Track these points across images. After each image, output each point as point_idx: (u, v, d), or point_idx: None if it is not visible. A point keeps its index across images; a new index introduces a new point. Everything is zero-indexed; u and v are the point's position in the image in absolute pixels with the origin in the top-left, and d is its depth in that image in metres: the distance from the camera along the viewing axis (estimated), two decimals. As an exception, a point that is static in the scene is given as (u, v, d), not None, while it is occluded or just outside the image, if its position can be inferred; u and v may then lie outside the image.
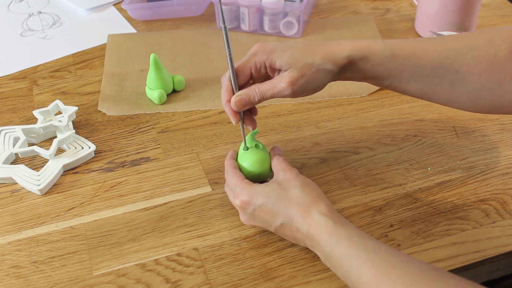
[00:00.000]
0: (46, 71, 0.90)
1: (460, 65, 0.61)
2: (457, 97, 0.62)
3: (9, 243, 0.63)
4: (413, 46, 0.63)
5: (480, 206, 0.65)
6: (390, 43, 0.63)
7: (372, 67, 0.62)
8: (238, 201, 0.60)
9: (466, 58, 0.61)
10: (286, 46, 0.62)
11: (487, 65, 0.60)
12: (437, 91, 0.63)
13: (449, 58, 0.61)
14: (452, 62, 0.61)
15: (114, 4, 1.07)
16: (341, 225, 0.55)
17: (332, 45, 0.62)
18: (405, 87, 0.63)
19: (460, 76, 0.61)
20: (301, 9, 0.92)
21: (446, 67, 0.61)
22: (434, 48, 0.62)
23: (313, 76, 0.61)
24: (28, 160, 0.74)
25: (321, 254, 0.57)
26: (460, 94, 0.62)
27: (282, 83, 0.61)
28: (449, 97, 0.63)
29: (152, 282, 0.59)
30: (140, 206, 0.67)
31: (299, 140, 0.75)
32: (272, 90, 0.61)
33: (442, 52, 0.62)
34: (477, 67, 0.60)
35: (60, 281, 0.59)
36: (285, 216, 0.58)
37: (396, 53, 0.62)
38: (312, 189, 0.59)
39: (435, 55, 0.62)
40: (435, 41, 0.63)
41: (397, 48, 0.63)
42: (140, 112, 0.81)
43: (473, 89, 0.61)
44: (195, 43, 0.95)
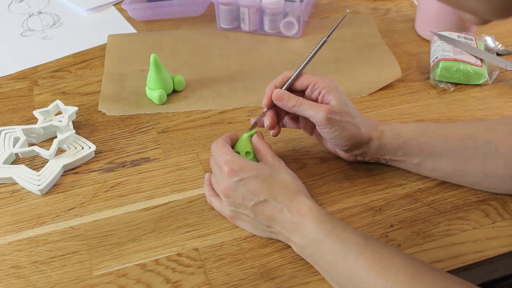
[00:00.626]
0: (46, 71, 0.90)
1: (490, 136, 0.63)
2: (492, 169, 0.63)
3: (9, 243, 0.63)
4: (443, 124, 0.66)
5: (480, 206, 0.65)
6: (422, 122, 0.67)
7: (403, 143, 0.64)
8: (226, 167, 0.59)
9: (496, 132, 0.63)
10: (346, 96, 0.65)
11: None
12: (470, 164, 0.63)
13: (478, 131, 0.64)
14: (482, 134, 0.63)
15: (114, 4, 1.07)
16: (331, 216, 0.57)
17: (373, 121, 0.66)
18: (437, 163, 0.65)
19: (493, 147, 0.62)
20: (301, 9, 0.92)
21: (477, 138, 0.63)
22: (462, 124, 0.66)
23: (348, 125, 0.63)
24: (28, 160, 0.74)
25: (302, 240, 0.57)
26: (496, 166, 0.62)
27: (321, 106, 0.62)
28: (484, 171, 0.63)
29: (152, 282, 0.59)
30: (140, 206, 0.67)
31: (299, 140, 0.75)
32: (310, 107, 0.63)
33: (470, 126, 0.65)
34: (508, 138, 0.62)
35: (60, 281, 0.59)
36: (271, 194, 0.58)
37: (427, 128, 0.65)
38: (300, 181, 0.61)
39: (464, 129, 0.65)
40: (464, 122, 0.67)
41: (427, 125, 0.66)
42: (140, 112, 0.81)
43: (508, 160, 0.62)
44: (195, 43, 0.95)
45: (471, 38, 0.87)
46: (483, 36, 0.91)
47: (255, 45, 0.95)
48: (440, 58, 0.83)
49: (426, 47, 0.92)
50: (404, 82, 0.85)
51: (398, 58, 0.89)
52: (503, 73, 0.86)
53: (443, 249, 0.61)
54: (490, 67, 0.84)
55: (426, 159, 0.65)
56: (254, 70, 0.89)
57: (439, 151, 0.64)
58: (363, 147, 0.65)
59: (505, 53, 0.90)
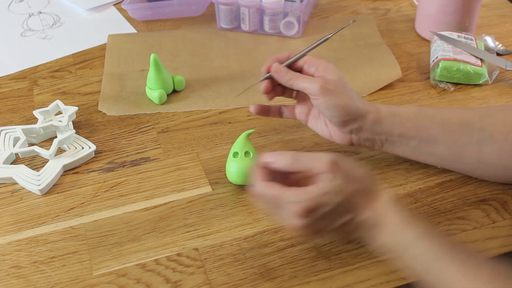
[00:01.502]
0: (46, 71, 0.90)
1: (485, 123, 0.63)
2: (486, 156, 0.63)
3: (9, 243, 0.63)
4: (440, 108, 0.66)
5: (480, 206, 0.65)
6: (418, 106, 0.66)
7: (400, 122, 0.64)
8: (300, 209, 0.52)
9: (491, 118, 0.63)
10: (342, 75, 0.65)
11: (511, 126, 0.62)
12: (465, 150, 0.64)
13: (474, 117, 0.64)
14: (478, 121, 0.63)
15: (114, 4, 1.07)
16: (415, 219, 0.53)
17: (366, 101, 0.66)
18: (433, 148, 0.65)
19: (487, 134, 0.62)
20: (301, 9, 0.92)
21: (472, 125, 0.63)
22: (458, 110, 0.65)
23: (343, 95, 0.63)
24: (28, 160, 0.74)
25: (386, 248, 0.54)
26: (490, 153, 0.62)
27: (316, 78, 0.63)
28: (479, 157, 0.63)
29: (152, 282, 0.59)
30: (140, 206, 0.67)
31: (300, 140, 0.75)
32: (305, 78, 0.64)
33: (467, 113, 0.65)
34: (503, 126, 0.62)
35: (60, 281, 0.59)
36: (354, 211, 0.54)
37: (423, 111, 0.65)
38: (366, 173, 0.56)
39: (460, 115, 0.64)
40: (461, 108, 0.67)
41: (424, 108, 0.66)
42: (140, 112, 0.81)
43: (502, 148, 0.62)
44: (195, 43, 0.95)
45: (471, 38, 0.87)
46: (483, 36, 0.91)
47: (255, 45, 0.95)
48: (440, 58, 0.83)
49: (426, 47, 0.92)
50: (404, 82, 0.85)
51: (398, 58, 0.89)
52: (503, 73, 0.86)
53: (443, 249, 0.61)
54: (490, 67, 0.84)
55: (423, 143, 0.64)
56: (254, 70, 0.89)
57: (435, 135, 0.64)
58: (359, 121, 0.64)
59: (505, 53, 0.90)
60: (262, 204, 0.58)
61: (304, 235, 0.60)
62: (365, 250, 0.61)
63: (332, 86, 0.63)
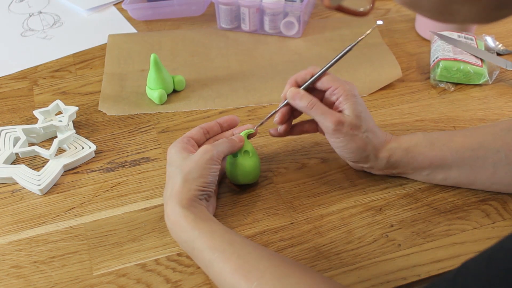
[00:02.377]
0: (46, 71, 0.90)
1: (500, 144, 0.62)
2: (501, 177, 0.63)
3: (9, 243, 0.63)
4: (451, 134, 0.65)
5: (480, 206, 0.65)
6: (429, 134, 0.65)
7: (412, 158, 0.64)
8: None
9: (505, 138, 0.63)
10: (364, 107, 0.64)
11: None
12: (480, 173, 0.64)
13: (487, 140, 0.63)
14: (491, 143, 0.63)
15: (114, 4, 1.07)
16: (202, 220, 0.57)
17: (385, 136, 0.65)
18: (447, 174, 0.65)
19: (502, 156, 0.62)
20: (301, 9, 0.92)
21: (487, 147, 0.63)
22: (470, 134, 0.65)
23: (355, 138, 0.62)
24: (29, 160, 0.74)
25: (179, 242, 0.59)
26: (505, 174, 0.63)
27: (332, 115, 0.62)
28: (493, 179, 0.63)
29: (153, 282, 0.59)
30: (140, 206, 0.67)
31: (300, 140, 0.75)
32: (321, 113, 0.62)
33: (479, 136, 0.64)
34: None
35: (60, 281, 0.59)
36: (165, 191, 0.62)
37: (436, 142, 0.64)
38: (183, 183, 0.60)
39: (473, 139, 0.64)
40: (470, 129, 0.66)
41: (435, 137, 0.65)
42: (140, 112, 0.81)
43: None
44: (195, 43, 0.95)
45: (471, 38, 0.87)
46: (484, 36, 0.91)
47: (255, 45, 0.95)
48: (440, 58, 0.83)
49: (426, 47, 0.92)
50: (404, 82, 0.85)
51: (398, 58, 0.89)
52: (503, 73, 0.86)
53: (443, 249, 0.61)
54: (490, 67, 0.84)
55: (436, 171, 0.65)
56: (254, 70, 0.89)
57: (449, 163, 0.64)
58: (370, 162, 0.65)
59: (505, 53, 0.90)
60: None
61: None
62: (365, 250, 0.61)
63: (346, 128, 0.62)
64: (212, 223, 0.57)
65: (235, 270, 0.52)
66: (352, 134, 0.62)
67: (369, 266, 0.59)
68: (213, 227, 0.57)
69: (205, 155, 0.60)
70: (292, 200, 0.67)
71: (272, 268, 0.52)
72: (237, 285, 0.52)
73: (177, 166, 0.61)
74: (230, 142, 0.64)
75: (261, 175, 0.70)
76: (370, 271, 0.59)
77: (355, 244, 0.61)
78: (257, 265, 0.52)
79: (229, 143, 0.64)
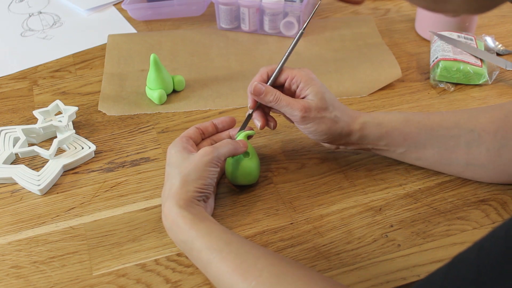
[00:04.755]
0: (46, 71, 0.90)
1: (473, 124, 0.63)
2: (475, 157, 0.63)
3: (9, 243, 0.63)
4: (428, 114, 0.66)
5: (480, 206, 0.65)
6: (405, 112, 0.66)
7: (386, 133, 0.65)
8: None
9: (479, 118, 0.63)
10: (325, 88, 0.65)
11: (500, 123, 0.62)
12: (454, 152, 0.64)
13: (462, 119, 0.64)
14: (466, 122, 0.64)
15: (114, 4, 1.07)
16: (200, 220, 0.57)
17: (354, 112, 0.66)
18: (421, 153, 0.65)
19: (476, 135, 0.62)
20: (301, 9, 0.92)
21: (461, 126, 0.63)
22: (446, 114, 0.66)
23: (325, 120, 0.63)
24: (28, 160, 0.74)
25: (177, 243, 0.59)
26: (479, 154, 0.63)
27: (296, 103, 0.63)
28: (468, 159, 0.64)
29: (152, 282, 0.59)
30: (140, 206, 0.67)
31: (299, 140, 0.75)
32: (287, 104, 0.64)
33: (455, 115, 0.65)
34: (491, 126, 0.62)
35: (60, 281, 0.59)
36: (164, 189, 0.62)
37: (410, 118, 0.65)
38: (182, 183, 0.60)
39: (448, 117, 0.65)
40: (448, 111, 0.67)
41: (411, 115, 0.66)
42: (140, 112, 0.81)
43: (490, 148, 0.62)
44: (195, 43, 0.95)
45: (471, 38, 0.87)
46: (483, 36, 0.91)
47: (255, 45, 0.95)
48: (440, 58, 0.83)
49: (426, 47, 0.92)
50: (404, 82, 0.85)
51: (398, 58, 0.89)
52: (503, 73, 0.86)
53: (443, 249, 0.61)
54: (490, 67, 0.84)
55: (410, 149, 0.66)
56: (254, 70, 0.88)
57: (423, 141, 0.64)
58: (343, 139, 0.66)
59: (505, 53, 0.90)
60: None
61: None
62: (365, 250, 0.61)
63: (313, 113, 0.63)
64: (209, 223, 0.57)
65: (233, 270, 0.52)
66: (320, 116, 0.63)
67: (369, 266, 0.59)
68: (211, 227, 0.57)
69: (205, 157, 0.60)
70: (292, 200, 0.67)
71: (270, 267, 0.52)
72: (235, 284, 0.52)
73: (176, 166, 0.61)
74: (234, 144, 0.64)
75: (261, 175, 0.70)
76: (370, 271, 0.59)
77: (355, 244, 0.61)
78: (255, 264, 0.52)
79: (232, 145, 0.63)
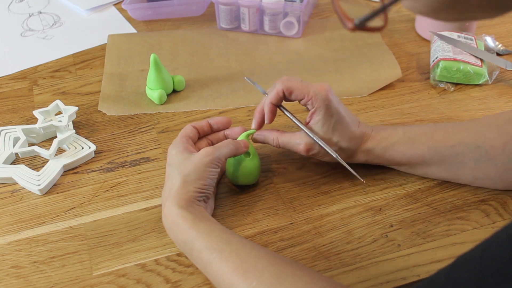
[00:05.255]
0: (46, 71, 0.90)
1: (481, 140, 0.62)
2: (483, 171, 0.63)
3: (9, 243, 0.63)
4: (431, 131, 0.65)
5: (480, 206, 0.65)
6: (409, 127, 0.66)
7: (390, 156, 0.65)
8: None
9: (485, 134, 0.62)
10: (337, 110, 0.63)
11: (508, 138, 0.61)
12: (460, 169, 0.64)
13: (468, 136, 0.63)
14: (472, 139, 0.63)
15: (114, 4, 1.07)
16: (200, 220, 0.57)
17: (361, 136, 0.65)
18: (427, 170, 0.66)
19: (483, 151, 0.62)
20: (301, 9, 0.92)
21: (466, 143, 0.63)
22: (452, 130, 0.65)
23: (329, 148, 0.64)
24: (28, 160, 0.74)
25: (178, 243, 0.59)
26: (486, 169, 0.63)
27: (297, 145, 0.65)
28: (475, 174, 0.64)
29: (152, 282, 0.59)
30: (140, 206, 0.67)
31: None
32: (288, 143, 0.66)
33: (460, 132, 0.64)
34: (498, 141, 0.62)
35: (60, 281, 0.59)
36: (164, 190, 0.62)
37: (415, 139, 0.65)
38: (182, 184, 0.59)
39: (453, 136, 0.64)
40: (453, 124, 0.66)
41: (414, 133, 0.65)
42: (140, 112, 0.81)
43: (498, 162, 0.62)
44: (195, 43, 0.95)
45: (471, 38, 0.87)
46: (483, 36, 0.91)
47: (255, 45, 0.95)
48: (440, 58, 0.83)
49: (426, 47, 0.92)
50: (404, 82, 0.85)
51: (398, 58, 0.89)
52: (503, 73, 0.86)
53: (443, 249, 0.61)
54: (490, 67, 0.84)
55: (416, 167, 0.66)
56: (254, 70, 0.89)
57: (428, 161, 0.65)
58: (349, 158, 0.66)
59: (505, 53, 0.90)
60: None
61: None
62: (365, 250, 0.61)
63: (316, 149, 0.64)
64: (210, 223, 0.57)
65: (233, 270, 0.52)
66: (323, 152, 0.64)
67: (369, 266, 0.59)
68: (211, 227, 0.57)
69: (205, 158, 0.60)
70: (292, 200, 0.67)
71: (270, 267, 0.52)
72: (236, 284, 0.52)
73: (177, 166, 0.61)
74: (235, 144, 0.63)
75: (261, 175, 0.69)
76: (370, 271, 0.59)
77: (355, 244, 0.61)
78: (256, 265, 0.52)
79: (233, 145, 0.63)
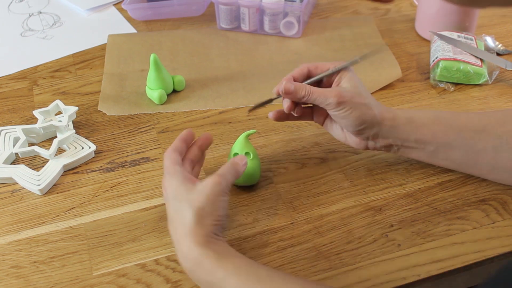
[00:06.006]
0: (46, 71, 0.90)
1: (502, 130, 0.63)
2: (502, 161, 0.63)
3: (9, 243, 0.63)
4: (456, 114, 0.66)
5: (480, 206, 0.65)
6: (434, 110, 0.66)
7: (416, 128, 0.64)
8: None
9: (507, 125, 0.63)
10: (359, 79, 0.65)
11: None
12: (481, 156, 0.64)
13: (490, 124, 0.64)
14: (494, 127, 0.63)
15: (114, 4, 1.07)
16: (225, 258, 0.53)
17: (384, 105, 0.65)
18: (450, 153, 0.65)
19: (504, 141, 0.62)
20: (301, 9, 0.92)
21: (489, 131, 0.63)
22: (475, 116, 0.65)
23: (359, 105, 0.62)
24: (28, 160, 0.74)
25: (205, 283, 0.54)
26: (505, 159, 0.63)
27: (330, 91, 0.63)
28: (494, 163, 0.64)
29: (152, 282, 0.59)
30: (140, 206, 0.67)
31: (299, 140, 0.75)
32: (320, 94, 0.63)
33: (483, 119, 0.65)
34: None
35: (60, 281, 0.59)
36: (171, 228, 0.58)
37: (440, 117, 0.65)
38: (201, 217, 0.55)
39: (476, 121, 0.64)
40: (477, 113, 0.67)
41: (440, 113, 0.66)
42: (140, 112, 0.81)
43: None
44: (195, 43, 0.95)
45: (471, 38, 0.87)
46: (483, 36, 0.91)
47: (255, 45, 0.95)
48: (440, 58, 0.83)
49: (426, 47, 0.92)
50: (404, 82, 0.85)
51: (398, 58, 0.89)
52: (503, 73, 0.86)
53: (443, 249, 0.61)
54: (490, 67, 0.84)
55: (439, 148, 0.65)
56: (254, 70, 0.89)
57: (451, 141, 0.64)
58: (375, 128, 0.64)
59: (505, 53, 0.90)
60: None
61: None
62: (365, 250, 0.61)
63: (347, 97, 0.62)
64: (235, 259, 0.54)
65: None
66: (354, 101, 0.62)
67: (369, 266, 0.59)
68: (237, 263, 0.53)
69: (216, 188, 0.56)
70: (292, 200, 0.67)
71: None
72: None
73: (184, 200, 0.56)
74: (235, 167, 0.60)
75: (261, 175, 0.69)
76: (370, 271, 0.59)
77: (355, 244, 0.61)
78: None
79: (234, 169, 0.60)
